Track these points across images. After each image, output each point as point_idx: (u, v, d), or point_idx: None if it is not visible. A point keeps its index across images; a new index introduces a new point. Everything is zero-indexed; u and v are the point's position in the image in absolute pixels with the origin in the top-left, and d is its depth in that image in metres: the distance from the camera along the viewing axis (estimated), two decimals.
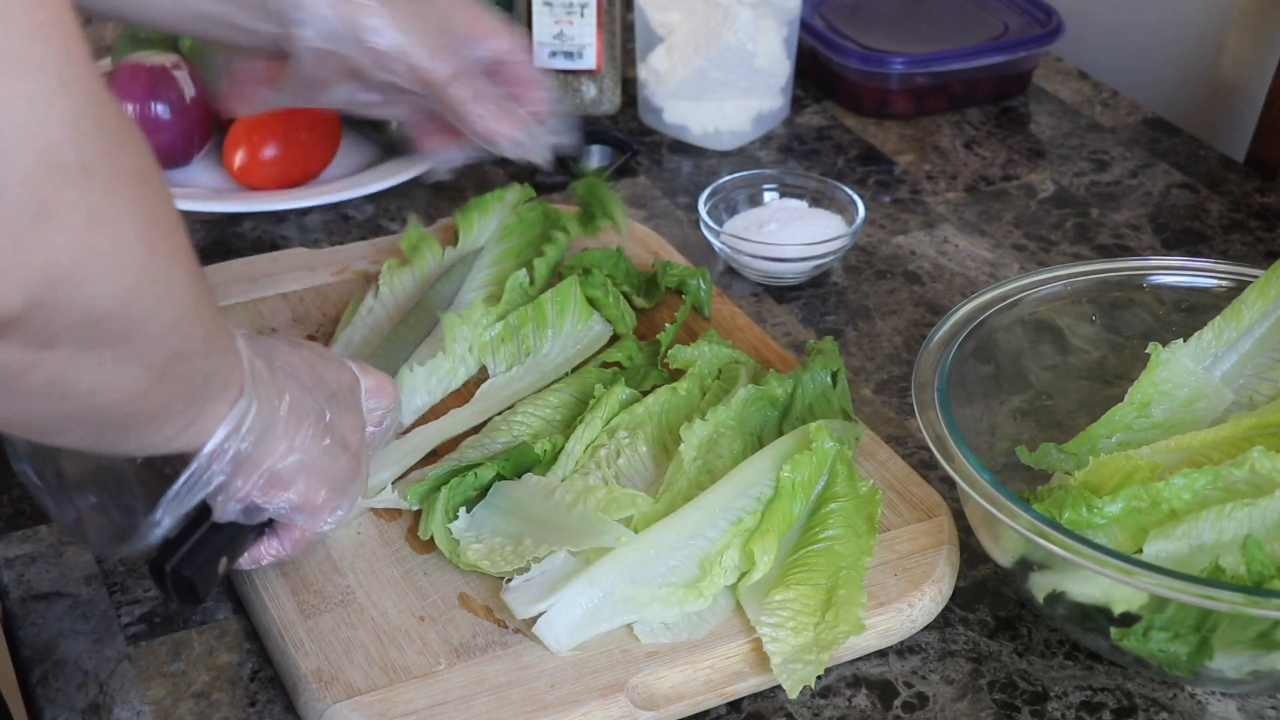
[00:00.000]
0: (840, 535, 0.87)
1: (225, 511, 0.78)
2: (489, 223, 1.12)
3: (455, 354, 1.00)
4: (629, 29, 1.44)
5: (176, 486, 0.74)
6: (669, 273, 1.09)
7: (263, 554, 0.83)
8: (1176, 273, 0.99)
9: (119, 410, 0.66)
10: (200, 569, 0.79)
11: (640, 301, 1.09)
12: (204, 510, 0.78)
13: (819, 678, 0.83)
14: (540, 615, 0.82)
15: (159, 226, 0.62)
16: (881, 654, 0.86)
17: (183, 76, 1.24)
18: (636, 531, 0.85)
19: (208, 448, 0.73)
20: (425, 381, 0.99)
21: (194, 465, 0.73)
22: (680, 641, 0.83)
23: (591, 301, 1.06)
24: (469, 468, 0.90)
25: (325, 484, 0.80)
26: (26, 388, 0.60)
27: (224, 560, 0.80)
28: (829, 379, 0.98)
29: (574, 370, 1.02)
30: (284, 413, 0.77)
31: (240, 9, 0.94)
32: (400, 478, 0.93)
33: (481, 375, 1.02)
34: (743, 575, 0.85)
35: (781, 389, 0.95)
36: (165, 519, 0.75)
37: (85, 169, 0.56)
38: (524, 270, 1.06)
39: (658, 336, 1.03)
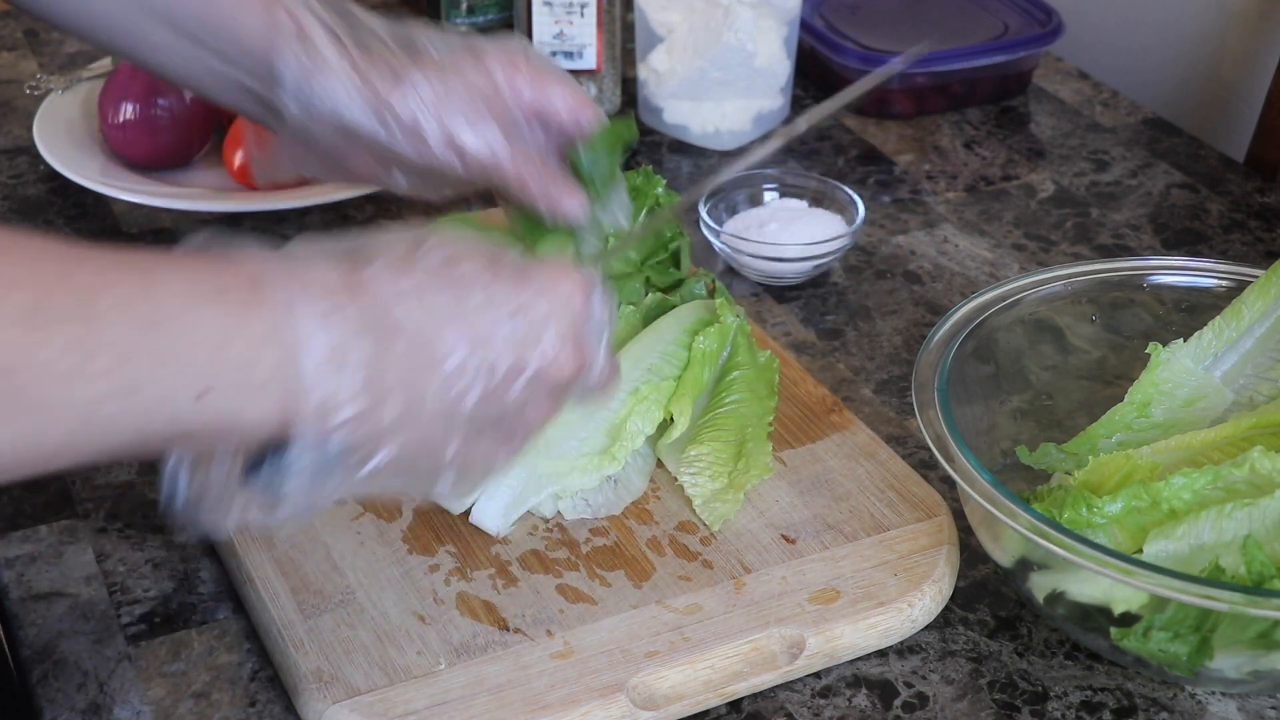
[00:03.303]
0: (744, 399, 0.96)
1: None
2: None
3: None
4: (629, 29, 1.44)
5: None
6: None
7: None
8: (1176, 273, 0.99)
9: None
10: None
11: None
12: None
13: (819, 676, 0.83)
14: (473, 507, 0.88)
15: None
16: (881, 654, 0.86)
17: None
18: None
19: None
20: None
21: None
22: (601, 519, 0.90)
23: None
24: None
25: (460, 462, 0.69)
26: None
27: None
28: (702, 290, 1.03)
29: None
30: (389, 419, 0.64)
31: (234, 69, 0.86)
32: None
33: None
34: (663, 434, 0.93)
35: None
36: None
37: None
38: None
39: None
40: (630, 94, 1.41)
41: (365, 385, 0.63)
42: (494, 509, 0.89)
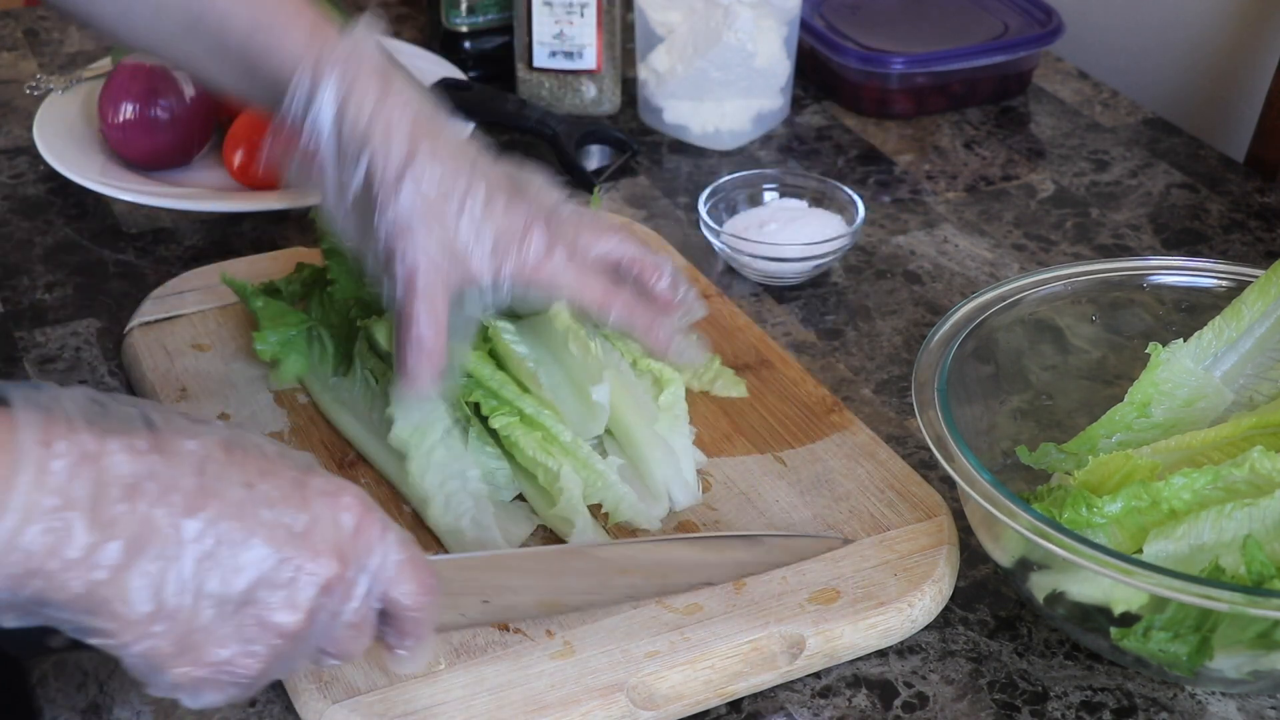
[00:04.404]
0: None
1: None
2: None
3: None
4: (629, 29, 1.44)
5: None
6: None
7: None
8: (1176, 273, 0.99)
9: None
10: (22, 638, 0.67)
11: None
12: None
13: (819, 676, 0.84)
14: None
15: None
16: (881, 654, 0.86)
17: (183, 76, 1.24)
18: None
19: None
20: None
21: None
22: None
23: None
24: None
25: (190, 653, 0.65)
26: None
27: (60, 637, 0.67)
28: None
29: None
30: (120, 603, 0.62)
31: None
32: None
33: None
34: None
35: None
36: None
37: None
38: None
39: None
40: (630, 94, 1.41)
41: (83, 526, 0.61)
42: (683, 483, 0.92)
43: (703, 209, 1.17)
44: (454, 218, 0.86)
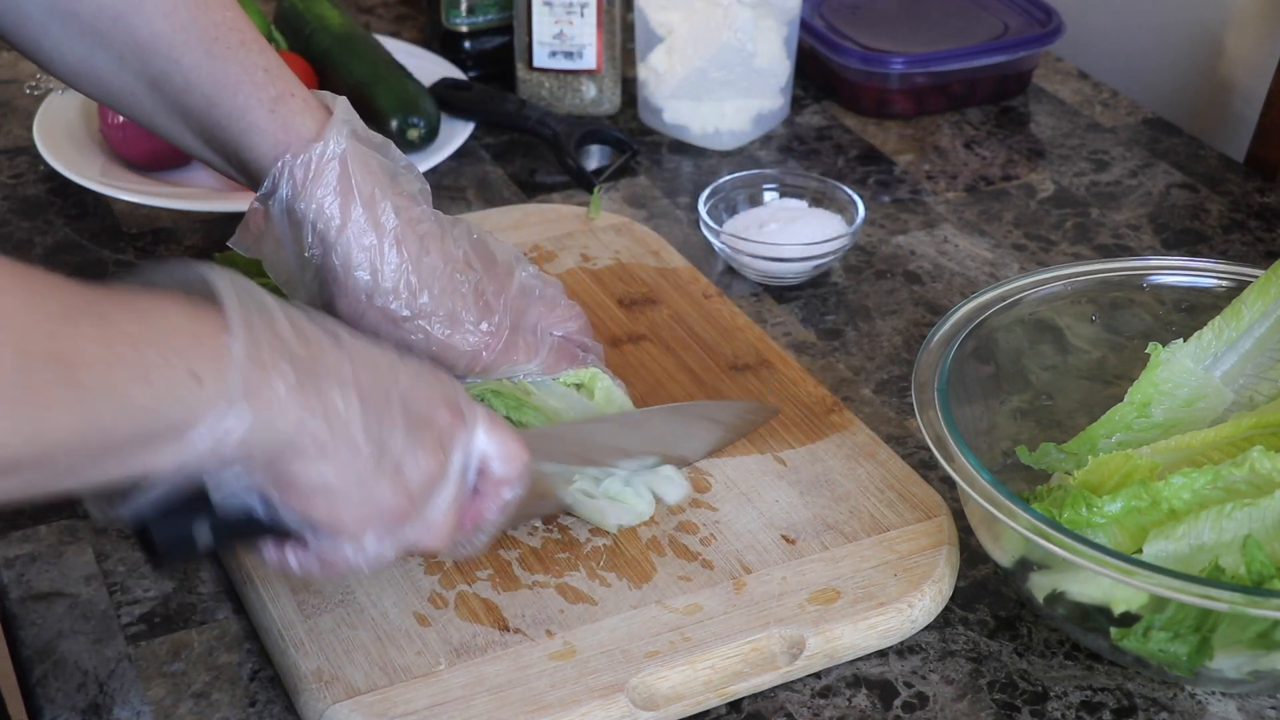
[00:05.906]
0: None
1: (221, 499, 0.70)
2: None
3: None
4: (629, 29, 1.44)
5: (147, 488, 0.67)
6: None
7: (287, 558, 0.74)
8: (1176, 273, 0.99)
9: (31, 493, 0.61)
10: (171, 533, 0.70)
11: None
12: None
13: (819, 676, 0.83)
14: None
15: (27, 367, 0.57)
16: (881, 654, 0.86)
17: None
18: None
19: (164, 469, 0.65)
20: None
21: (154, 479, 0.66)
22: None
23: None
24: None
25: (361, 512, 0.72)
26: None
27: (206, 531, 0.71)
28: None
29: None
30: (316, 428, 0.68)
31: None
32: None
33: None
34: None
35: None
36: (142, 497, 0.68)
37: None
38: None
39: None
40: (630, 94, 1.41)
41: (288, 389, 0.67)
42: (664, 479, 0.92)
43: (703, 209, 1.17)
44: (420, 330, 0.89)
